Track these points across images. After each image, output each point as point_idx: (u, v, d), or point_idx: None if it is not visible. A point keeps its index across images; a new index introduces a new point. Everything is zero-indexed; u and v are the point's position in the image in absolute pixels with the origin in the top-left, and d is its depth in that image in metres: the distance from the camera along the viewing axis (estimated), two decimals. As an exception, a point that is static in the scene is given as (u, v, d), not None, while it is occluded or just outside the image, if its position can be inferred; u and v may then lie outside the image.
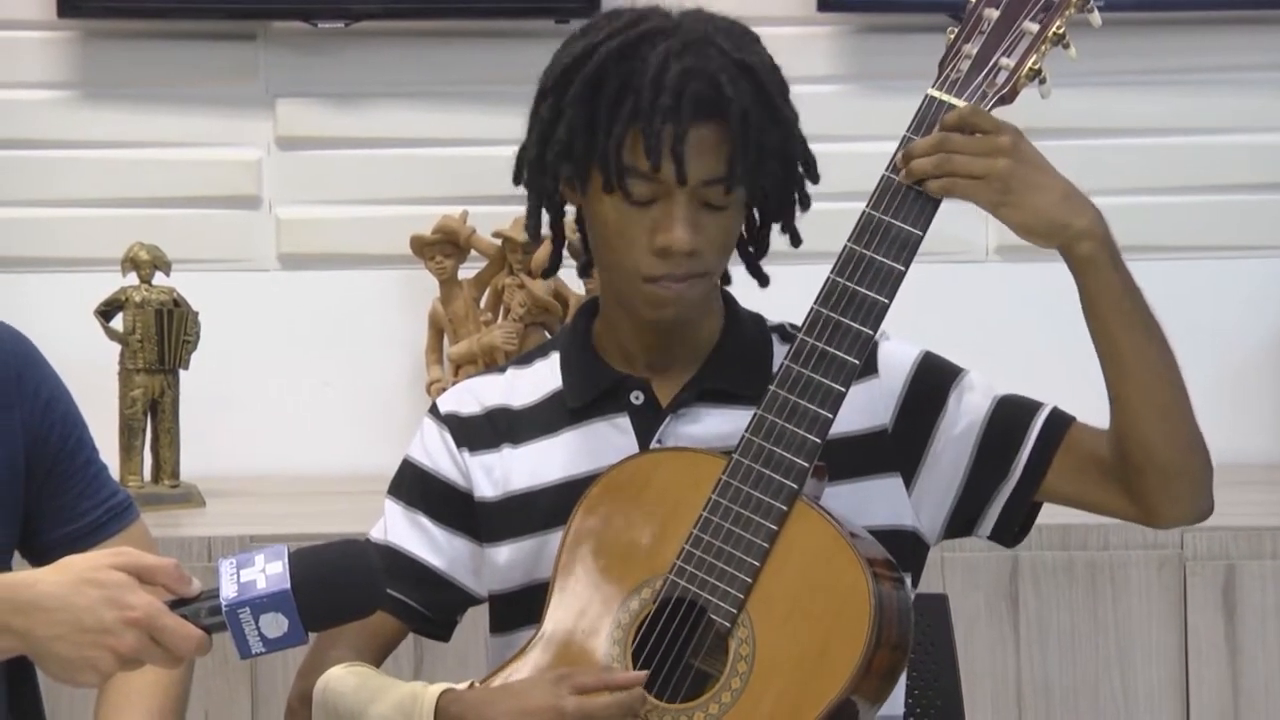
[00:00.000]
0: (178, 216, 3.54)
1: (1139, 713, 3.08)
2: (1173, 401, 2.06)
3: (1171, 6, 3.49)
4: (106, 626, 1.89)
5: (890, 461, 2.11)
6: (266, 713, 3.06)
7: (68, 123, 3.57)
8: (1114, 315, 2.04)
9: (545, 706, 1.96)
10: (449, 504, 2.16)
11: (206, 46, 3.57)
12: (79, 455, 2.29)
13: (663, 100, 1.99)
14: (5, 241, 3.55)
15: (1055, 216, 1.98)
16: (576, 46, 2.06)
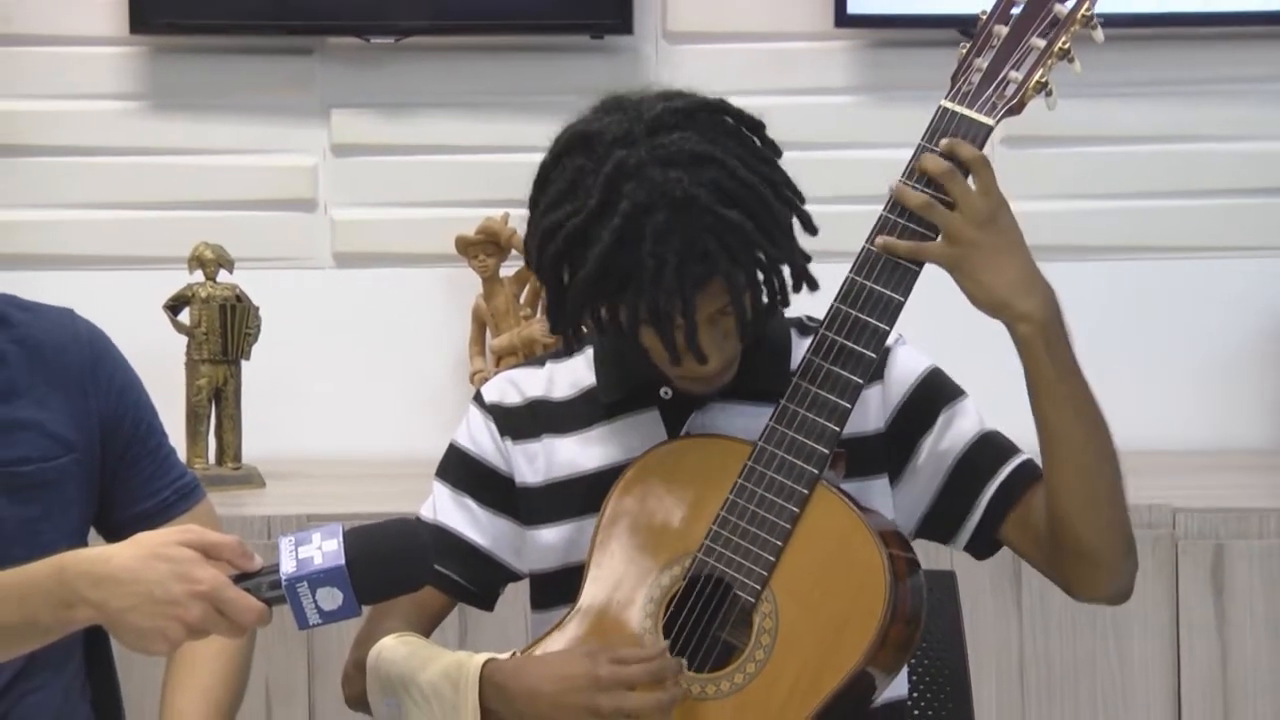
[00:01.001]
0: (240, 218, 3.55)
1: (1134, 684, 3.07)
2: (1097, 488, 2.01)
3: (1167, 23, 3.47)
4: (175, 599, 1.89)
5: (881, 464, 2.10)
6: (323, 680, 3.06)
7: (138, 131, 3.57)
8: (1045, 396, 2.00)
9: (581, 674, 1.96)
10: (492, 487, 2.16)
11: (266, 61, 3.57)
12: (150, 439, 2.30)
13: (662, 298, 1.93)
14: (82, 241, 3.56)
15: (1000, 296, 1.96)
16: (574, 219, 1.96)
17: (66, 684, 2.25)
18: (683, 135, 1.97)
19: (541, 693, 1.98)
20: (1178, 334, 3.56)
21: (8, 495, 2.17)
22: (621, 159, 1.95)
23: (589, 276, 1.96)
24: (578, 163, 1.99)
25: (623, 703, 1.94)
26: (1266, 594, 3.07)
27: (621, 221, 1.93)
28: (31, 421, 2.20)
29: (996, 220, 1.96)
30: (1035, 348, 1.98)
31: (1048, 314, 1.97)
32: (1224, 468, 3.40)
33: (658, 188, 1.93)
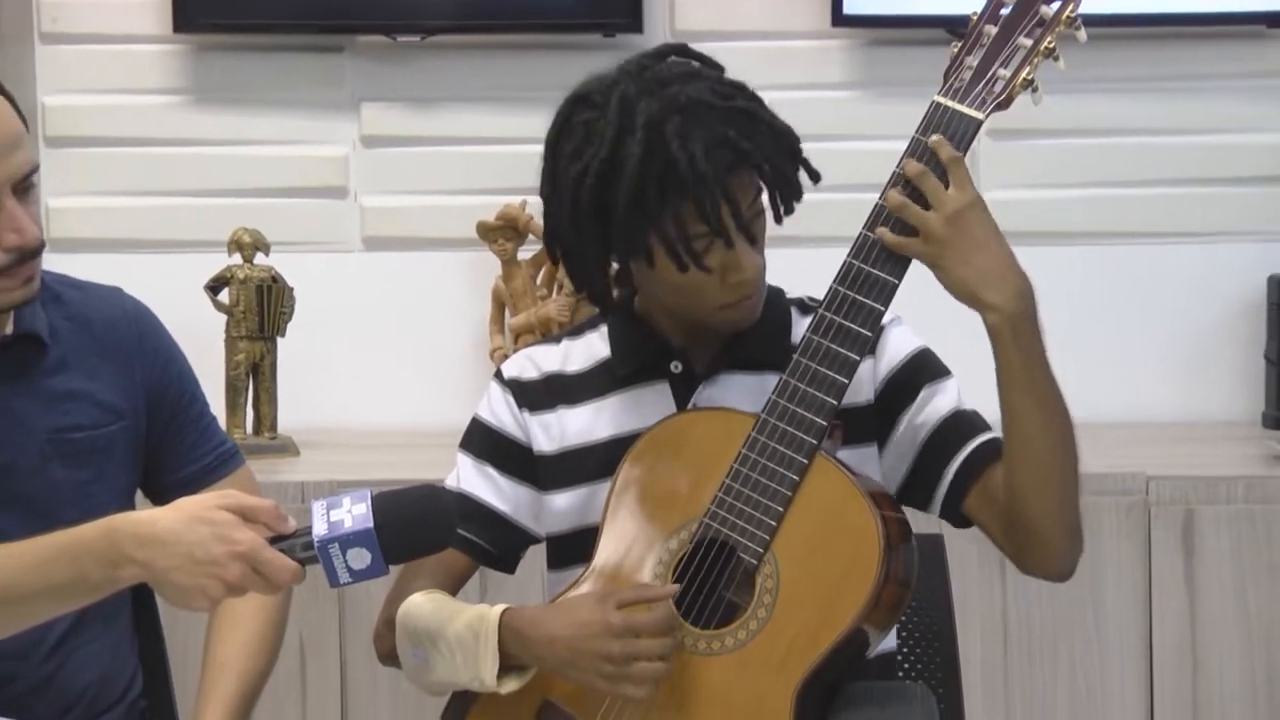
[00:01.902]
0: (276, 205, 3.54)
1: (1109, 642, 3.07)
2: (1050, 473, 2.01)
3: (1143, 23, 3.46)
4: (215, 559, 1.89)
5: (871, 434, 2.10)
6: (353, 635, 3.07)
7: (181, 124, 3.57)
8: (1009, 383, 1.99)
9: (593, 620, 1.96)
10: (512, 457, 2.16)
11: (301, 58, 3.57)
12: (192, 408, 2.30)
13: (705, 179, 1.94)
14: (129, 226, 3.56)
15: (970, 288, 1.96)
16: (592, 163, 1.98)
17: (116, 637, 2.25)
18: (663, 66, 2.02)
19: (558, 638, 1.98)
20: (1151, 314, 3.56)
21: (61, 460, 2.17)
22: (623, 92, 1.98)
23: (630, 195, 1.96)
24: (583, 117, 2.01)
25: (632, 648, 1.94)
26: (1233, 556, 3.07)
27: (644, 134, 1.95)
28: (83, 392, 2.21)
29: (966, 217, 1.95)
30: (1003, 337, 1.97)
31: (1017, 306, 1.96)
32: (1193, 438, 3.40)
33: (665, 101, 1.96)
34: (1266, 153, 3.53)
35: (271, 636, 2.26)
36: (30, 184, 2.10)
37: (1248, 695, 3.07)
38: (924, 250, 1.96)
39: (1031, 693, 3.08)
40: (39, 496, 2.14)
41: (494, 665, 2.00)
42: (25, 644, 2.11)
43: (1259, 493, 3.07)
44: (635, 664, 1.94)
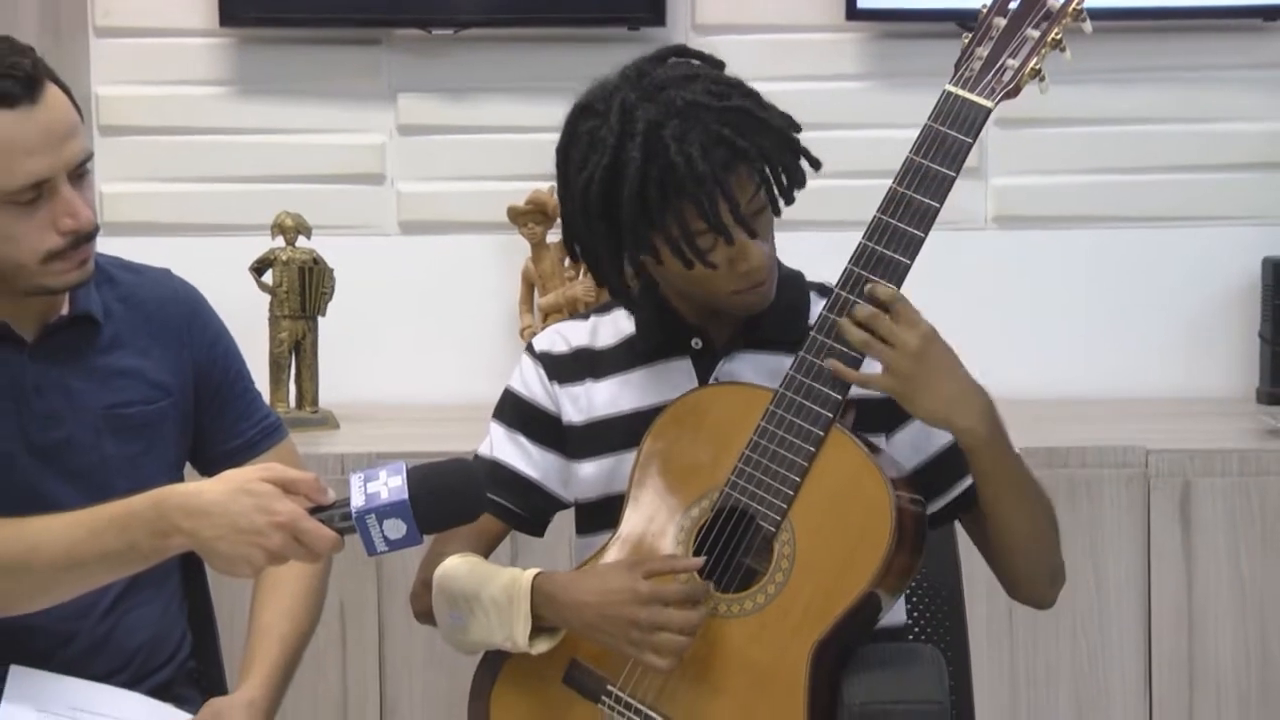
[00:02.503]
0: (317, 190, 3.54)
1: (1109, 607, 3.07)
2: (1031, 548, 2.07)
3: (1147, 16, 3.44)
4: (258, 529, 1.90)
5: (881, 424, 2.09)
6: (390, 600, 3.07)
7: (227, 113, 3.57)
8: (988, 488, 2.03)
9: (622, 588, 1.96)
10: (542, 426, 2.15)
11: (340, 50, 3.56)
12: (238, 384, 2.30)
13: (703, 180, 1.93)
14: (177, 211, 3.57)
15: (941, 416, 1.97)
16: (596, 171, 1.97)
17: (166, 602, 2.26)
18: (662, 70, 2.00)
19: (587, 604, 1.98)
20: (1151, 294, 3.55)
21: (113, 434, 2.18)
22: (623, 99, 1.97)
23: (633, 198, 1.95)
24: (587, 125, 2.00)
25: (658, 616, 1.94)
26: (1228, 526, 3.06)
27: (643, 139, 1.94)
28: (134, 369, 2.21)
29: (927, 351, 1.95)
30: (978, 452, 1.99)
31: (986, 424, 1.98)
32: (1191, 413, 3.39)
33: (662, 106, 1.95)
34: (1263, 140, 3.51)
35: (312, 602, 2.26)
36: (85, 170, 2.10)
37: (1241, 657, 3.06)
38: (891, 385, 1.96)
39: (1035, 654, 3.08)
40: (94, 469, 2.15)
41: (526, 627, 2.00)
42: (82, 607, 2.12)
43: (1253, 465, 3.06)
44: (660, 633, 1.94)
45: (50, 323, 2.17)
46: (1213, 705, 3.06)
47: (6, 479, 2.11)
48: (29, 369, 2.15)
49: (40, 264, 2.08)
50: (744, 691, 1.96)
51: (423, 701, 3.10)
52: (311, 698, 3.06)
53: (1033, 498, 2.05)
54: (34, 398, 2.14)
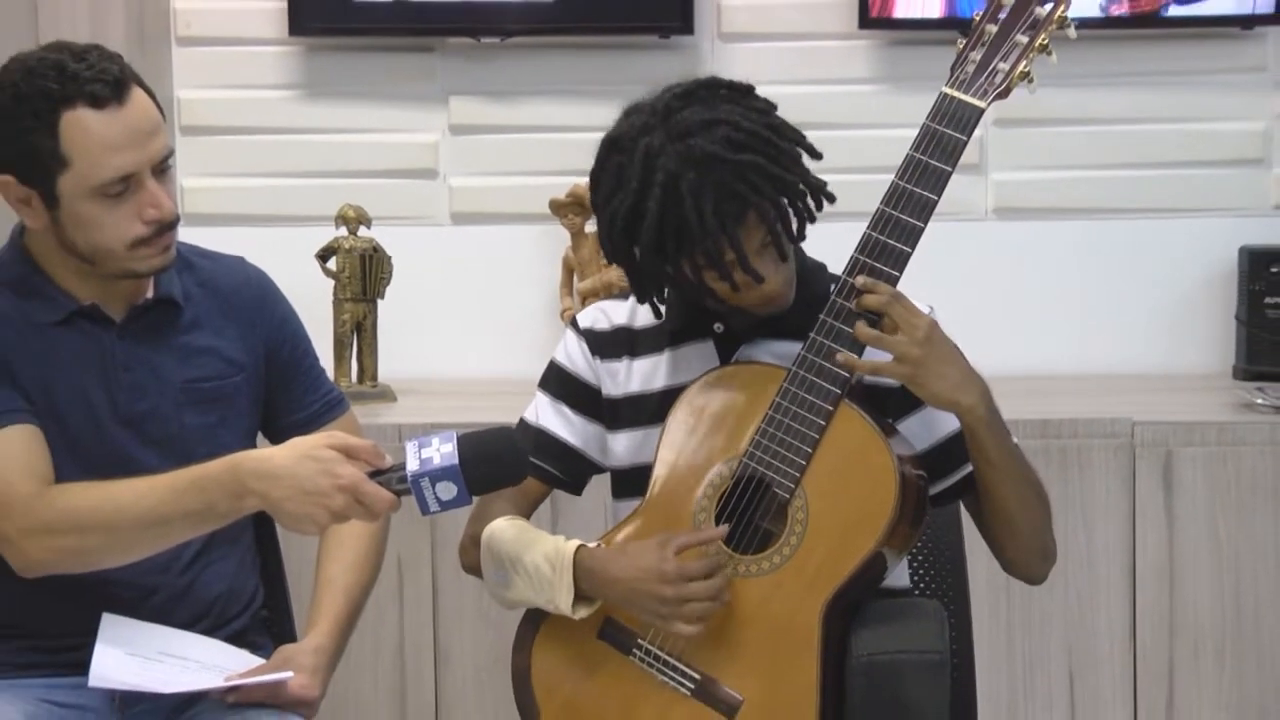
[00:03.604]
0: (376, 184, 3.54)
1: (1098, 563, 3.06)
2: (1023, 524, 2.05)
3: (1127, 25, 3.42)
4: (323, 490, 1.91)
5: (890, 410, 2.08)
6: (443, 556, 3.08)
7: (296, 114, 3.57)
8: (986, 466, 2.01)
9: (651, 567, 1.96)
10: (584, 397, 2.15)
11: (397, 57, 3.56)
12: (305, 361, 2.31)
13: (709, 230, 1.92)
14: (251, 203, 3.57)
15: (947, 397, 1.96)
16: (620, 209, 1.96)
17: (240, 556, 2.27)
18: (689, 111, 1.96)
19: (621, 579, 1.98)
20: (1138, 280, 3.53)
21: (192, 406, 2.18)
22: (647, 144, 1.95)
23: (649, 244, 1.95)
24: (616, 161, 1.99)
25: (683, 591, 1.94)
26: (1207, 491, 3.04)
27: (661, 191, 1.93)
28: (210, 347, 2.21)
29: (932, 337, 1.94)
30: (978, 431, 1.98)
31: (985, 403, 1.97)
32: (1173, 388, 3.37)
33: (681, 156, 1.93)
34: (1240, 138, 3.49)
35: (373, 557, 2.27)
36: (167, 166, 2.11)
37: (1217, 609, 3.05)
38: (901, 371, 1.95)
39: (1029, 607, 3.07)
40: (175, 437, 2.16)
41: (570, 596, 2.00)
42: (165, 561, 2.13)
43: (1230, 436, 3.05)
44: (685, 605, 1.94)
45: (136, 304, 2.18)
46: (1191, 652, 3.05)
47: (98, 446, 2.13)
48: (117, 346, 2.16)
49: (127, 250, 2.09)
50: (762, 643, 1.96)
51: (472, 649, 3.11)
52: (372, 644, 3.08)
53: (1026, 479, 2.04)
54: (121, 372, 2.15)
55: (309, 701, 2.13)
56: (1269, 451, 3.03)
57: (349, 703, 3.07)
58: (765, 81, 2.06)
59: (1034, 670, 3.07)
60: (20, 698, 2.11)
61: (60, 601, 2.10)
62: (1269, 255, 3.36)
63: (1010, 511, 2.03)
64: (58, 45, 2.08)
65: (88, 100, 2.03)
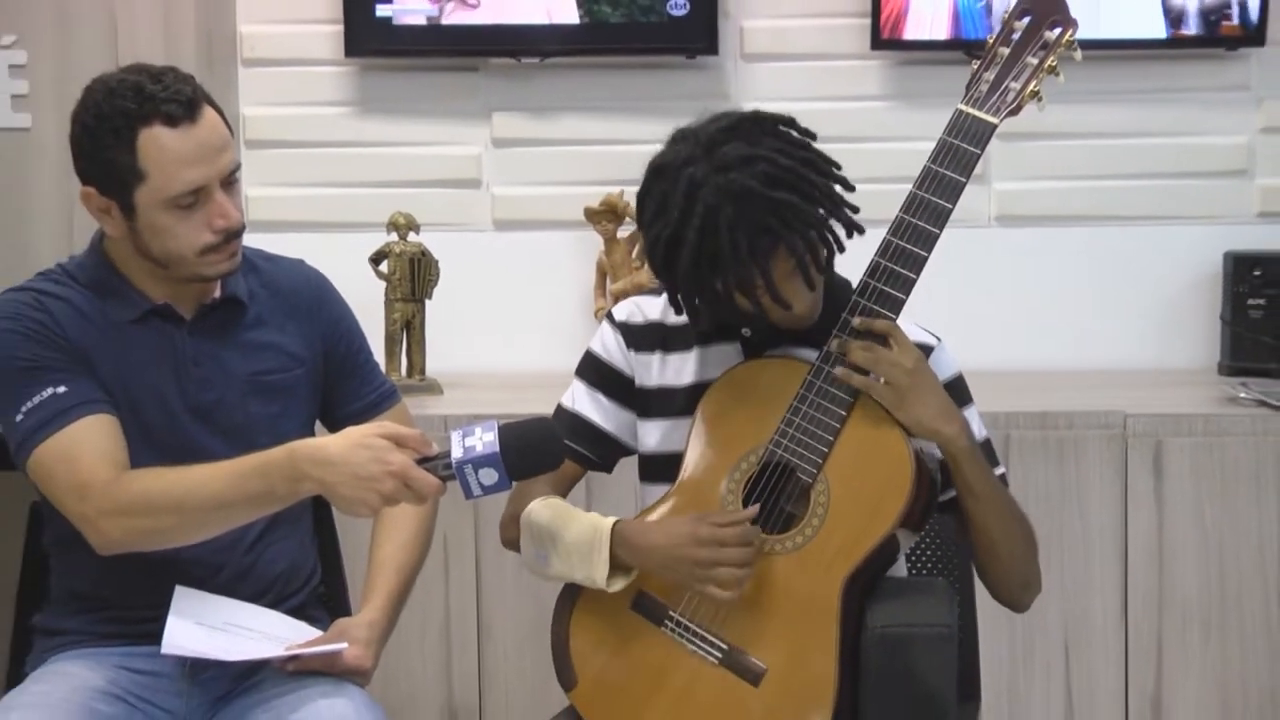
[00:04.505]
0: (425, 193, 3.54)
1: (1092, 545, 3.04)
2: (1002, 559, 2.02)
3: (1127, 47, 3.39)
4: (374, 476, 1.90)
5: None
6: (486, 537, 3.07)
7: (351, 129, 3.57)
8: (967, 494, 1.99)
9: (687, 533, 1.96)
10: (617, 386, 2.14)
11: (444, 76, 3.55)
12: (359, 356, 2.31)
13: (741, 258, 1.90)
14: (310, 211, 3.57)
15: (930, 425, 1.94)
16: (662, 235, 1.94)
17: (300, 537, 2.27)
18: (732, 145, 1.93)
19: (657, 546, 1.97)
20: (1130, 282, 3.51)
21: (256, 397, 2.18)
22: (690, 175, 1.92)
23: (687, 270, 1.94)
24: (661, 188, 1.96)
25: (717, 554, 1.93)
26: (1194, 479, 3.02)
27: (700, 222, 1.91)
28: (273, 343, 2.21)
29: (920, 368, 1.93)
30: (960, 459, 1.96)
31: (965, 436, 1.95)
32: (1163, 383, 3.35)
33: (721, 189, 1.90)
34: (1225, 152, 3.46)
35: (422, 538, 2.27)
36: (234, 178, 2.11)
37: (1204, 588, 3.03)
38: (888, 395, 1.93)
39: (1028, 586, 3.05)
40: (240, 426, 2.16)
41: (605, 569, 2.00)
42: (230, 541, 2.13)
43: (1215, 427, 3.02)
44: (719, 569, 1.93)
45: (205, 304, 2.18)
46: (1179, 626, 3.03)
47: (169, 434, 2.13)
48: (188, 343, 2.16)
49: (197, 256, 2.09)
50: (785, 616, 1.95)
51: (513, 623, 3.10)
52: (420, 619, 3.07)
53: (1009, 512, 2.02)
54: (191, 366, 2.16)
55: (363, 671, 2.13)
56: (1251, 442, 3.00)
57: (399, 672, 3.07)
58: (784, 99, 2.06)
59: (1033, 643, 3.05)
60: (101, 664, 2.11)
61: (136, 577, 2.10)
62: (1252, 260, 3.34)
63: (993, 540, 2.01)
64: (136, 68, 2.09)
65: (163, 119, 2.03)
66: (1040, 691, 3.06)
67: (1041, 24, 1.94)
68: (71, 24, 3.39)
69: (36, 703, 2.01)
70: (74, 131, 2.08)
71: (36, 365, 2.07)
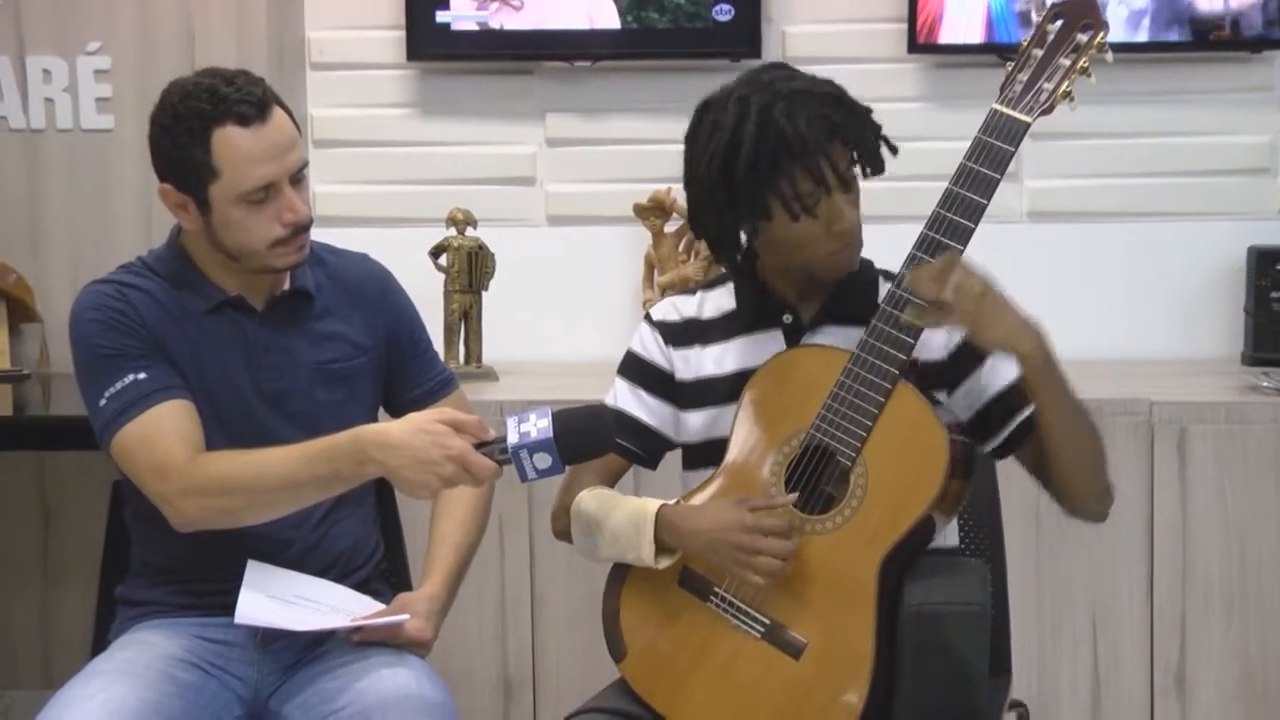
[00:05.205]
0: (482, 190, 3.54)
1: (1119, 527, 3.01)
2: (1081, 463, 1.97)
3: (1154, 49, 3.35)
4: (434, 460, 1.90)
5: (941, 382, 2.05)
6: (539, 517, 3.07)
7: (412, 130, 3.57)
8: (1044, 408, 1.94)
9: (731, 518, 1.94)
10: (658, 382, 2.13)
11: (501, 79, 3.55)
12: (419, 345, 2.31)
13: (808, 145, 1.92)
14: (373, 207, 3.58)
15: (1008, 341, 1.89)
16: (718, 146, 1.95)
17: (364, 516, 2.27)
18: (769, 72, 1.98)
19: (701, 530, 1.96)
20: (1157, 275, 3.48)
21: (322, 384, 2.19)
22: (738, 94, 1.96)
23: (748, 164, 1.93)
24: (710, 118, 1.98)
25: (758, 543, 1.92)
26: (1216, 464, 2.98)
27: (757, 117, 1.93)
28: (338, 333, 2.22)
29: (987, 291, 1.89)
30: (1036, 372, 1.91)
31: (1043, 349, 1.91)
32: (1188, 372, 3.32)
33: (771, 93, 1.94)
34: (1248, 150, 3.42)
35: (479, 518, 2.27)
36: (302, 175, 2.11)
37: (1226, 567, 3.00)
38: (963, 323, 1.90)
39: (1057, 565, 3.03)
40: (307, 412, 2.16)
41: (652, 549, 1.99)
42: (299, 519, 2.14)
43: (1238, 415, 2.99)
44: (759, 557, 1.92)
45: (275, 295, 2.18)
46: (1202, 605, 3.00)
47: (241, 419, 2.14)
48: (258, 333, 2.17)
49: (268, 249, 2.10)
50: (825, 593, 1.94)
51: (564, 597, 3.10)
52: (477, 594, 3.08)
53: (1085, 421, 1.97)
54: (262, 355, 2.16)
55: (423, 642, 2.13)
56: (1273, 429, 2.97)
57: (457, 644, 3.08)
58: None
59: (1061, 621, 3.03)
60: (178, 634, 2.12)
61: (211, 552, 2.11)
62: (1274, 254, 3.31)
63: (1070, 451, 1.96)
64: (210, 71, 2.10)
65: (236, 119, 2.04)
66: (1068, 665, 3.03)
67: (1074, 27, 1.92)
68: (152, 31, 3.41)
69: (121, 669, 2.03)
70: (152, 132, 2.09)
71: (118, 353, 2.08)
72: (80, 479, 3.41)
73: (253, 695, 2.12)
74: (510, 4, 3.36)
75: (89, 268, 2.63)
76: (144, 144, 2.11)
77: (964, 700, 1.87)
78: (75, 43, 3.42)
